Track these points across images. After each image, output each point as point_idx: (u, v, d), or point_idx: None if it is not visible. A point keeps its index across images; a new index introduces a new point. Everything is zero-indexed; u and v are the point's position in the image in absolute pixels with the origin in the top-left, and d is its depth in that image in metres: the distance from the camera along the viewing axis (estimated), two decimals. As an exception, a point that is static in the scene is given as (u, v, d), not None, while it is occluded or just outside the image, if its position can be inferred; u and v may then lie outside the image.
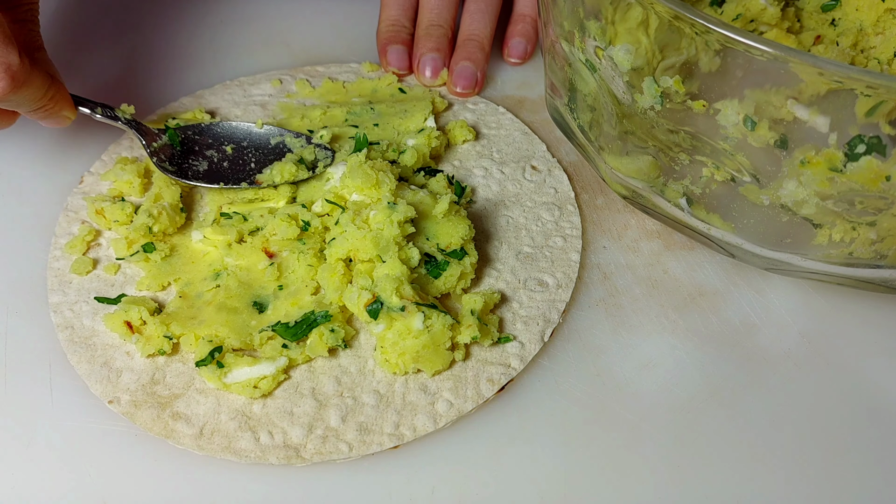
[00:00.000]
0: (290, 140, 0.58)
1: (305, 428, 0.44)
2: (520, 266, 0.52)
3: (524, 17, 0.68)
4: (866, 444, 0.45)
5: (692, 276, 0.53)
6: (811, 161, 0.39)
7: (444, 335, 0.46)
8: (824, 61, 0.35)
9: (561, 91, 0.53)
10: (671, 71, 0.41)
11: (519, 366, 0.47)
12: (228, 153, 0.57)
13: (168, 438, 0.43)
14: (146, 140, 0.55)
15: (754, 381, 0.48)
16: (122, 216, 0.52)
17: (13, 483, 0.42)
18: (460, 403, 0.45)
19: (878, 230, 0.41)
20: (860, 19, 0.54)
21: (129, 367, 0.46)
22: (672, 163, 0.46)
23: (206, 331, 0.47)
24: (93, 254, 0.52)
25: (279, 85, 0.64)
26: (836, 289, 0.52)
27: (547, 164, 0.59)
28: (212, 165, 0.56)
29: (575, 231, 0.54)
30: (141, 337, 0.47)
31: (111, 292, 0.50)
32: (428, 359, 0.45)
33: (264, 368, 0.45)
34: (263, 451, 0.43)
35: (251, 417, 0.44)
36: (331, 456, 0.43)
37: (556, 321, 0.49)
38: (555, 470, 0.44)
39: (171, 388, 0.45)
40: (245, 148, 0.58)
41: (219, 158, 0.57)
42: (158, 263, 0.51)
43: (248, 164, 0.57)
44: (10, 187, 0.56)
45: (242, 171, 0.56)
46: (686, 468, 0.44)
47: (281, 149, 0.58)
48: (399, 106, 0.61)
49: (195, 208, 0.55)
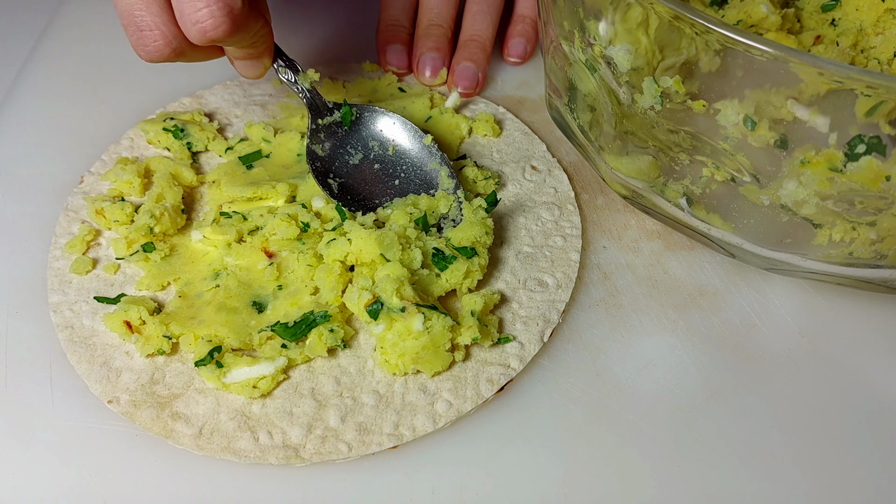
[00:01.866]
0: (444, 176, 0.55)
1: (305, 428, 0.44)
2: (519, 266, 0.52)
3: (524, 17, 0.68)
4: (866, 444, 0.45)
5: (692, 276, 0.53)
6: (811, 161, 0.39)
7: (444, 336, 0.46)
8: (824, 61, 0.35)
9: (561, 91, 0.53)
10: (671, 71, 0.41)
11: (518, 366, 0.47)
12: (388, 153, 0.56)
13: (167, 438, 0.43)
14: (313, 115, 0.54)
15: (754, 381, 0.48)
16: (122, 216, 0.52)
17: (13, 483, 0.42)
18: (459, 403, 0.45)
19: (878, 230, 0.41)
20: (860, 19, 0.54)
21: (128, 367, 0.46)
22: (672, 163, 0.46)
23: (205, 331, 0.47)
24: (93, 253, 0.52)
25: (279, 85, 0.64)
26: (836, 289, 0.52)
27: (547, 164, 0.59)
28: (364, 161, 0.55)
29: (575, 231, 0.54)
30: (140, 337, 0.47)
31: (111, 292, 0.50)
32: (428, 360, 0.45)
33: (263, 368, 0.45)
34: (263, 452, 0.43)
35: (250, 417, 0.44)
36: (330, 456, 0.43)
37: (556, 321, 0.49)
38: (555, 470, 0.44)
39: (171, 388, 0.45)
40: (405, 154, 0.56)
41: (375, 156, 0.55)
42: (158, 263, 0.51)
43: (396, 177, 0.55)
44: (11, 187, 0.56)
45: (385, 182, 0.54)
46: (686, 468, 0.44)
47: (429, 178, 0.55)
48: (397, 103, 0.62)
49: (195, 207, 0.55)
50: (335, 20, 0.72)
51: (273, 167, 0.57)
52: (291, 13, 0.72)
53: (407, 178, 0.55)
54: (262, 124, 0.59)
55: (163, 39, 0.44)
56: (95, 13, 0.72)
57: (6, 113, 0.62)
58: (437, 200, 0.52)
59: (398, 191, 0.54)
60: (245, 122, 0.61)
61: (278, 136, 0.58)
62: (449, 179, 0.54)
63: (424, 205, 0.52)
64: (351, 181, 0.54)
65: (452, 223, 0.52)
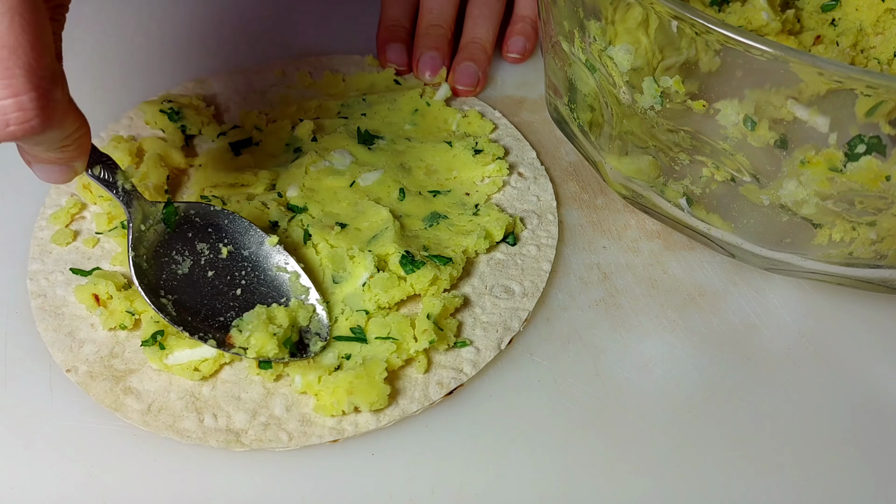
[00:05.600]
0: (294, 283, 0.48)
1: (249, 414, 0.44)
2: (489, 272, 0.52)
3: (524, 17, 0.68)
4: (866, 444, 0.45)
5: (692, 276, 0.53)
6: (811, 161, 0.39)
7: (376, 365, 0.44)
8: (824, 61, 0.35)
9: (561, 91, 0.53)
10: (671, 71, 0.41)
11: (471, 371, 0.47)
12: (222, 256, 0.48)
13: (117, 411, 0.44)
14: (133, 219, 0.46)
15: (754, 381, 0.48)
16: (105, 192, 0.52)
17: (13, 483, 0.42)
18: (406, 404, 0.45)
19: (878, 230, 0.41)
20: (860, 19, 0.54)
21: (91, 339, 0.47)
22: (672, 163, 0.46)
23: None
24: (76, 226, 0.53)
25: (281, 75, 0.65)
26: (836, 289, 0.52)
27: (533, 172, 0.58)
28: (195, 268, 0.47)
29: (551, 241, 0.54)
30: (105, 310, 0.47)
31: (87, 265, 0.51)
32: (362, 391, 0.43)
33: (205, 351, 0.45)
34: (205, 433, 0.43)
35: (199, 399, 0.45)
36: (270, 444, 0.43)
37: (517, 329, 0.49)
38: (554, 470, 0.44)
39: (128, 364, 0.46)
40: (243, 260, 0.48)
41: (206, 261, 0.47)
42: None
43: (237, 285, 0.47)
44: (11, 185, 0.56)
45: (225, 293, 0.47)
46: (686, 468, 0.44)
47: (281, 287, 0.48)
48: (389, 96, 0.62)
49: (181, 189, 0.56)
50: (339, 11, 0.72)
51: (261, 155, 0.57)
52: (300, 4, 0.73)
53: (250, 287, 0.47)
54: (256, 112, 0.60)
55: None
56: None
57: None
58: (294, 311, 0.46)
59: (242, 302, 0.46)
60: (242, 109, 0.61)
61: (269, 126, 0.59)
62: (302, 286, 0.48)
63: (284, 319, 0.45)
64: (185, 297, 0.46)
65: (318, 337, 0.46)
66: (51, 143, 0.37)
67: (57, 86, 0.33)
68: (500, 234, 0.52)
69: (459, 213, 0.54)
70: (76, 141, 0.39)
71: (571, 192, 0.58)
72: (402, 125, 0.60)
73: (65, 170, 0.41)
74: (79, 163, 0.41)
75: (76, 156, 0.40)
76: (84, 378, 0.45)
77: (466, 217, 0.54)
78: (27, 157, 0.40)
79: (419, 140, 0.59)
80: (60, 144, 0.38)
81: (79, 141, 0.39)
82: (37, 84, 0.32)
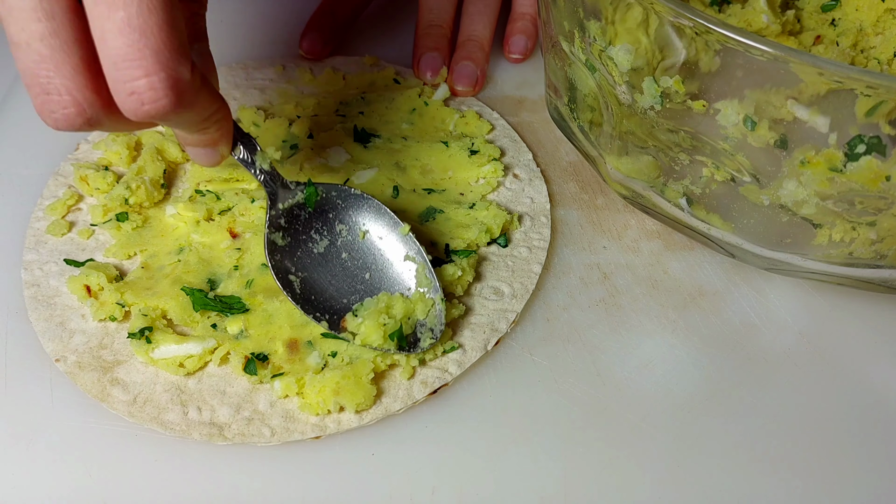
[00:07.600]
0: (421, 275, 0.47)
1: (233, 408, 0.44)
2: (479, 272, 0.52)
3: (524, 15, 0.68)
4: (866, 444, 0.45)
5: (692, 276, 0.53)
6: (811, 161, 0.39)
7: (363, 366, 0.45)
8: (824, 61, 0.35)
9: (561, 91, 0.53)
10: (671, 71, 0.41)
11: (456, 371, 0.46)
12: (358, 241, 0.48)
13: (103, 402, 0.44)
14: (272, 199, 0.47)
15: (754, 381, 0.48)
16: (103, 184, 0.53)
17: (13, 483, 0.42)
18: (389, 402, 0.45)
19: (878, 230, 0.41)
20: (860, 19, 0.54)
21: (81, 330, 0.47)
22: (672, 163, 0.46)
23: (155, 302, 0.47)
24: (72, 217, 0.53)
25: (282, 71, 0.65)
26: (836, 289, 0.52)
27: (529, 174, 0.58)
28: (331, 247, 0.48)
29: (542, 243, 0.53)
30: (96, 301, 0.48)
31: (81, 256, 0.51)
32: (349, 392, 0.44)
33: (191, 347, 0.46)
34: (189, 426, 0.43)
35: (184, 392, 0.45)
36: (252, 439, 0.43)
37: (504, 330, 0.49)
38: (555, 470, 0.44)
39: (117, 355, 0.46)
40: (377, 245, 0.48)
41: (343, 242, 0.48)
42: (129, 233, 0.52)
43: (368, 269, 0.47)
44: (11, 186, 0.56)
45: (354, 276, 0.47)
46: (686, 468, 0.44)
47: (408, 277, 0.47)
48: (388, 94, 0.62)
49: (177, 183, 0.56)
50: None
51: None
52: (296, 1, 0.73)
53: (379, 272, 0.48)
54: (254, 108, 0.60)
55: (75, 107, 0.35)
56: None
57: (6, 112, 0.62)
58: (414, 304, 0.46)
59: (368, 287, 0.47)
60: (241, 104, 0.61)
61: (267, 122, 0.59)
62: (427, 278, 0.47)
63: (400, 310, 0.45)
64: (315, 275, 0.47)
65: (431, 334, 0.46)
66: (189, 124, 0.39)
67: (185, 66, 0.34)
68: (498, 229, 0.53)
69: (455, 208, 0.54)
70: (216, 123, 0.41)
71: (571, 192, 0.58)
72: (399, 124, 0.60)
73: (210, 152, 0.43)
74: (223, 145, 0.43)
75: (218, 137, 0.42)
76: (72, 368, 0.46)
77: (463, 211, 0.54)
78: (180, 139, 0.43)
79: (415, 139, 0.59)
80: (200, 126, 0.40)
81: (219, 123, 0.41)
82: (165, 64, 0.33)
